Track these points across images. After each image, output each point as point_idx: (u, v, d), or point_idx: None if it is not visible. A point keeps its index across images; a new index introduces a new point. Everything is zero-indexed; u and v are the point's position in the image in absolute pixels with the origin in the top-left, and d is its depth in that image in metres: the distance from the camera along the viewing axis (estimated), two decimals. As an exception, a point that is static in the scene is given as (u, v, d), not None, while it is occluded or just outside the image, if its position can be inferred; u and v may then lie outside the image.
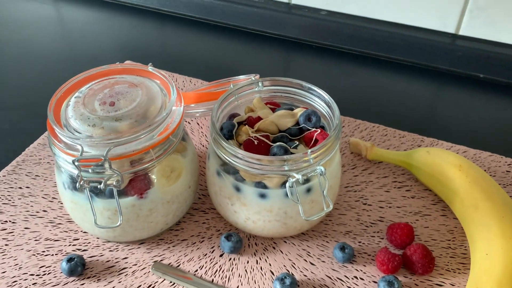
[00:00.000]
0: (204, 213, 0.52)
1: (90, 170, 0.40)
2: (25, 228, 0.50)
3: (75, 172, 0.41)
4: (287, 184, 0.41)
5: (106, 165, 0.40)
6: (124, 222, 0.45)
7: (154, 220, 0.46)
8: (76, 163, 0.40)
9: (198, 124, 0.63)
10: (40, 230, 0.50)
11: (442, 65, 0.72)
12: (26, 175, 0.55)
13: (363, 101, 0.68)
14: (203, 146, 0.60)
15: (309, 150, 0.41)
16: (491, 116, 0.65)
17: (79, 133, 0.42)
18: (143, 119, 0.43)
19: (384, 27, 0.73)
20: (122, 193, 0.44)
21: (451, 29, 0.71)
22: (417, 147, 0.59)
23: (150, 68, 0.48)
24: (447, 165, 0.51)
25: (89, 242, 0.49)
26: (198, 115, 0.55)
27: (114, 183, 0.41)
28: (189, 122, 0.63)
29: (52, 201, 0.52)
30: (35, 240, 0.49)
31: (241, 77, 0.60)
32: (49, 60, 0.77)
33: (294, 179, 0.41)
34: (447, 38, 0.71)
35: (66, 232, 0.49)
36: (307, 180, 0.43)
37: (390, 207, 0.52)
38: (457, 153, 0.58)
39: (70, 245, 0.48)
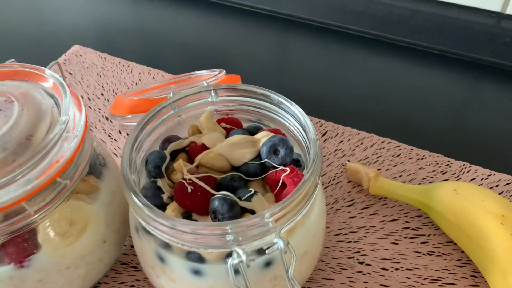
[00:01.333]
0: (135, 270, 0.37)
1: None
2: None
3: None
4: (229, 263, 0.26)
5: None
6: (3, 297, 0.31)
7: (50, 292, 0.32)
8: None
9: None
10: None
11: (482, 55, 0.57)
12: None
13: (372, 102, 0.52)
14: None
15: (267, 213, 0.26)
16: (546, 127, 0.49)
17: None
18: (15, 155, 0.28)
19: (405, 2, 0.57)
20: (-8, 261, 0.30)
21: (495, 7, 0.55)
22: (440, 175, 0.43)
23: (48, 71, 0.33)
24: (483, 214, 0.35)
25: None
26: (137, 128, 0.40)
27: (-34, 253, 0.27)
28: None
29: None
30: None
31: (204, 72, 0.46)
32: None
33: (238, 260, 0.26)
34: (489, 19, 0.55)
35: None
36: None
37: (396, 268, 0.37)
38: (497, 186, 0.42)
39: None
